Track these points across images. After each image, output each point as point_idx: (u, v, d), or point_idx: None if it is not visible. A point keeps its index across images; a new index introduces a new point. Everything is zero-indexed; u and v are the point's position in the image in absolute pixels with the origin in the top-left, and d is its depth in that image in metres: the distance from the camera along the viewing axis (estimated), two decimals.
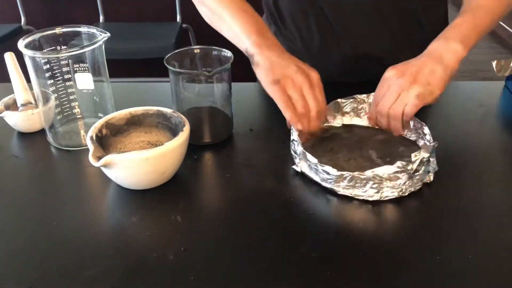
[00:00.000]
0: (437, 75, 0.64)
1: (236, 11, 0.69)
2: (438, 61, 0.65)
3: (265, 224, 0.55)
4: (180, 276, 0.48)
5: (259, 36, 0.66)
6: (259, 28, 0.67)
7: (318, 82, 0.65)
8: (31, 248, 0.52)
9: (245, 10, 0.69)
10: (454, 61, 0.65)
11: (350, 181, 0.58)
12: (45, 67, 0.66)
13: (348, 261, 0.50)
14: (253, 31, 0.66)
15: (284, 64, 0.64)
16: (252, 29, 0.67)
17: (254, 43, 0.65)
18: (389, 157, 0.65)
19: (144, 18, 2.37)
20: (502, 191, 0.62)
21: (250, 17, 0.68)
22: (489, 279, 0.48)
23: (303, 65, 0.65)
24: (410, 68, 0.65)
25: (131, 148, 0.66)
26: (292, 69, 0.64)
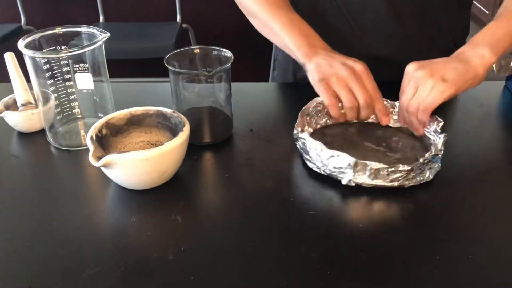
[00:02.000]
0: (457, 72, 0.63)
1: (287, 25, 0.71)
2: (463, 62, 0.64)
3: (265, 224, 0.55)
4: (180, 276, 0.48)
5: (308, 46, 0.68)
6: (308, 39, 0.70)
7: (363, 72, 0.64)
8: (31, 248, 0.52)
9: (294, 22, 0.72)
10: (480, 66, 0.64)
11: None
12: (45, 67, 0.66)
13: (348, 261, 0.50)
14: (302, 43, 0.69)
15: (329, 63, 0.65)
16: (302, 41, 0.69)
17: (304, 55, 0.68)
18: (383, 142, 0.69)
19: (144, 18, 2.37)
20: (502, 191, 0.62)
21: (299, 30, 0.71)
22: (489, 279, 0.48)
23: (348, 60, 0.65)
24: (432, 63, 0.64)
25: (131, 148, 0.66)
26: (337, 66, 0.64)
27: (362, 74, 0.64)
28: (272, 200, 0.59)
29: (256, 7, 0.76)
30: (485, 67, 0.64)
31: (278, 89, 0.93)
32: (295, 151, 0.69)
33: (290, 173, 0.64)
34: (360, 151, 0.67)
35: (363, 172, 0.59)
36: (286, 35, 0.71)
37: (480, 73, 0.64)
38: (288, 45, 0.70)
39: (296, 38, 0.70)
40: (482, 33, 0.68)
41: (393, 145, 0.69)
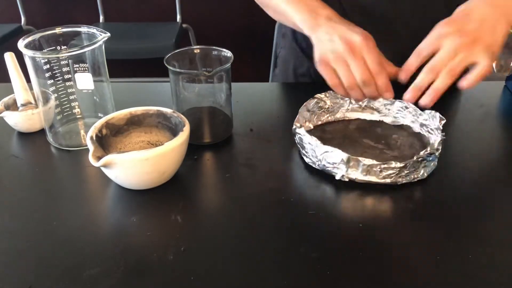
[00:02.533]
0: (498, 32, 0.59)
1: (292, 1, 0.69)
2: (500, 13, 0.60)
3: (265, 224, 0.55)
4: (180, 276, 0.48)
5: (312, 18, 0.66)
6: (311, 10, 0.67)
7: (362, 44, 0.60)
8: (31, 248, 0.52)
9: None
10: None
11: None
12: (45, 67, 0.66)
13: (348, 261, 0.50)
14: (307, 16, 0.66)
15: (329, 37, 0.62)
16: (305, 14, 0.67)
17: (309, 28, 0.66)
18: (383, 140, 0.69)
19: (144, 18, 2.37)
20: (502, 191, 0.62)
21: (303, 3, 0.68)
22: (489, 279, 0.48)
23: (348, 32, 0.61)
24: (469, 24, 0.59)
25: (131, 148, 0.66)
26: (335, 40, 0.61)
27: (360, 47, 0.60)
28: (272, 200, 0.59)
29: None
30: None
31: (278, 89, 0.93)
32: (295, 151, 0.69)
33: (290, 173, 0.64)
34: (357, 148, 0.68)
35: (356, 168, 0.60)
36: (291, 11, 0.69)
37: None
38: (295, 21, 0.68)
39: (300, 12, 0.68)
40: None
41: (392, 142, 0.69)
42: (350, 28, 0.62)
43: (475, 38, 0.58)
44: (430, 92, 0.59)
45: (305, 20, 0.67)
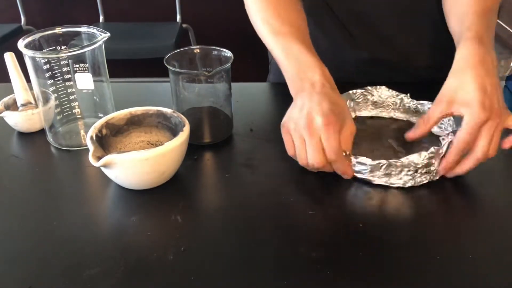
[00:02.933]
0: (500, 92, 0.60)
1: (285, 55, 0.67)
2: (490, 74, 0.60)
3: (265, 224, 0.55)
4: (180, 276, 0.48)
5: (299, 81, 0.63)
6: (301, 72, 0.64)
7: (320, 127, 0.57)
8: (31, 248, 0.52)
9: (293, 52, 0.66)
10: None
11: (386, 169, 0.59)
12: (45, 67, 0.66)
13: (348, 261, 0.50)
14: (294, 78, 0.64)
15: (300, 106, 0.59)
16: (294, 75, 0.64)
17: (293, 90, 0.64)
18: (409, 144, 0.66)
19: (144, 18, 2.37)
20: (502, 190, 0.62)
21: (294, 61, 0.65)
22: (489, 279, 0.48)
23: (316, 107, 0.58)
24: (493, 102, 0.58)
25: (131, 148, 0.66)
26: (301, 112, 0.59)
27: (319, 129, 0.57)
28: (272, 200, 0.59)
29: (264, 32, 0.72)
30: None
31: (278, 89, 0.93)
32: None
33: (290, 173, 0.64)
34: (375, 146, 0.68)
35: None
36: (283, 66, 0.67)
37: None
38: (285, 77, 0.67)
39: (289, 70, 0.66)
40: (482, 30, 0.64)
41: (415, 146, 0.67)
42: (323, 103, 0.58)
43: (501, 113, 0.58)
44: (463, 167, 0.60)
45: (293, 81, 0.65)
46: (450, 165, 0.60)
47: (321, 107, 0.58)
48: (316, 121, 0.57)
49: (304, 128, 0.58)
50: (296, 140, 0.59)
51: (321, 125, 0.57)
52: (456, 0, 0.71)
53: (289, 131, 0.60)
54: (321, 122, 0.57)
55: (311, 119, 0.57)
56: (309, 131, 0.57)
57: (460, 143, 0.59)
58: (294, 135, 0.60)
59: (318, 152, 0.57)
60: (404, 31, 0.85)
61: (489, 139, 0.58)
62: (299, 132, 0.59)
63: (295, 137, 0.59)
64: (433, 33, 0.87)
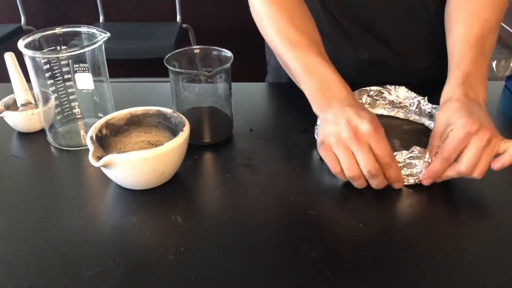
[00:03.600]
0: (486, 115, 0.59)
1: (305, 69, 0.64)
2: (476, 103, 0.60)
3: (265, 224, 0.55)
4: (180, 276, 0.48)
5: (323, 98, 0.62)
6: (324, 88, 0.62)
7: (369, 134, 0.55)
8: (31, 248, 0.52)
9: (314, 67, 0.64)
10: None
11: None
12: (45, 67, 0.66)
13: (348, 261, 0.50)
14: (318, 94, 0.62)
15: (335, 120, 0.57)
16: (317, 91, 0.63)
17: (318, 107, 0.62)
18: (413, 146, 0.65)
19: (144, 18, 2.37)
20: (502, 191, 0.62)
21: (316, 77, 0.63)
22: (489, 279, 0.48)
23: (355, 117, 0.56)
24: (481, 120, 0.57)
25: (131, 148, 0.66)
26: (341, 124, 0.56)
27: (368, 136, 0.55)
28: (272, 200, 0.59)
29: (276, 43, 0.69)
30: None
31: (279, 89, 0.93)
32: (295, 151, 0.69)
33: (290, 173, 0.64)
34: None
35: None
36: (302, 81, 0.65)
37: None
38: (305, 92, 0.65)
39: (311, 87, 0.63)
40: (470, 69, 0.64)
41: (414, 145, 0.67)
42: (360, 113, 0.57)
43: (492, 131, 0.57)
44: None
45: (316, 97, 0.63)
46: (433, 175, 0.59)
47: (361, 115, 0.56)
48: (361, 128, 0.55)
49: (350, 138, 0.55)
50: (342, 154, 0.56)
51: (368, 131, 0.55)
52: (454, 20, 0.71)
53: (330, 147, 0.57)
54: (368, 128, 0.55)
55: (355, 127, 0.55)
56: (357, 140, 0.55)
57: (444, 152, 0.57)
58: (337, 149, 0.56)
59: (372, 158, 0.55)
60: (403, 33, 0.85)
61: (475, 153, 0.56)
62: (343, 145, 0.56)
63: (340, 151, 0.56)
64: (432, 35, 0.87)
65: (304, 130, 0.73)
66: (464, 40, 0.67)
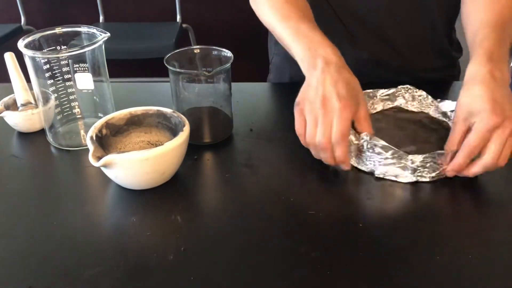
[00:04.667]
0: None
1: (294, 35, 0.67)
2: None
3: (265, 224, 0.55)
4: (180, 276, 0.48)
5: (312, 58, 0.63)
6: (312, 49, 0.64)
7: (336, 110, 0.58)
8: (31, 248, 0.52)
9: (303, 32, 0.66)
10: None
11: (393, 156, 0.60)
12: (45, 67, 0.66)
13: (348, 261, 0.50)
14: (306, 55, 0.64)
15: (315, 86, 0.60)
16: (305, 52, 0.64)
17: (306, 68, 0.64)
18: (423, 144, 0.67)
19: (144, 18, 2.37)
20: (502, 191, 0.62)
21: (305, 39, 0.65)
22: (489, 279, 0.48)
23: (333, 89, 0.59)
24: (504, 110, 0.57)
25: (131, 148, 0.66)
26: (317, 93, 0.59)
27: (333, 112, 0.58)
28: (272, 200, 0.59)
29: (270, 18, 0.72)
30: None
31: (278, 89, 0.93)
32: (295, 151, 0.69)
33: (290, 173, 0.64)
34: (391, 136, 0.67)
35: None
36: (292, 45, 0.66)
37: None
38: (295, 57, 0.66)
39: (300, 48, 0.65)
40: (493, 45, 0.63)
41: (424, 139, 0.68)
42: (339, 86, 0.59)
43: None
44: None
45: (305, 58, 0.64)
46: (457, 168, 0.60)
47: (337, 89, 0.59)
48: (332, 103, 0.58)
49: (320, 108, 0.58)
50: (309, 119, 0.60)
51: (337, 107, 0.58)
52: (472, 12, 0.71)
53: (303, 110, 0.61)
54: (338, 105, 0.58)
55: (327, 100, 0.58)
56: (323, 111, 0.58)
57: (468, 147, 0.58)
58: (308, 114, 0.60)
59: (328, 132, 0.58)
60: (405, 33, 0.85)
61: (500, 145, 0.57)
62: (314, 112, 0.59)
63: (309, 116, 0.60)
64: (433, 36, 0.87)
65: None
66: (485, 25, 0.67)
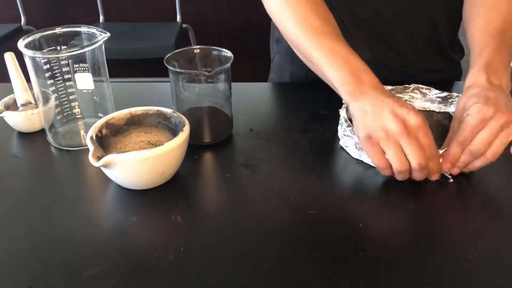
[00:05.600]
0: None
1: (330, 55, 0.63)
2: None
3: (265, 224, 0.55)
4: (180, 276, 0.48)
5: (355, 84, 0.60)
6: (354, 73, 0.60)
7: (418, 126, 0.55)
8: (31, 248, 0.52)
9: (340, 52, 0.62)
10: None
11: None
12: (45, 67, 0.66)
13: (348, 261, 0.50)
14: (347, 80, 0.60)
15: (377, 112, 0.57)
16: (347, 77, 0.60)
17: (349, 94, 0.60)
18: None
19: (144, 18, 2.37)
20: (502, 191, 0.62)
21: (343, 62, 0.62)
22: (489, 279, 0.48)
23: (400, 109, 0.56)
24: (498, 104, 0.58)
25: (131, 148, 0.66)
26: (386, 118, 0.56)
27: (416, 129, 0.55)
28: (272, 200, 0.59)
29: (297, 32, 0.67)
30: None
31: (278, 89, 0.93)
32: (295, 151, 0.69)
33: (290, 173, 0.64)
34: None
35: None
36: (328, 67, 0.62)
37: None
38: (332, 80, 0.62)
39: (340, 72, 0.61)
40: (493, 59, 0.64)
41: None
42: (403, 103, 0.57)
43: (509, 115, 0.57)
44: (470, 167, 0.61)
45: (347, 83, 0.60)
46: (451, 158, 0.60)
47: (405, 106, 0.56)
48: (411, 121, 0.55)
49: (401, 132, 0.55)
50: (391, 147, 0.56)
51: (417, 123, 0.55)
52: (472, 17, 0.72)
53: (378, 141, 0.57)
54: (417, 120, 0.55)
55: (404, 120, 0.55)
56: (407, 135, 0.55)
57: (459, 136, 0.59)
58: (386, 144, 0.56)
59: (422, 151, 0.56)
60: (404, 35, 0.85)
61: (490, 135, 0.57)
62: (393, 139, 0.56)
63: (389, 145, 0.56)
64: (433, 37, 0.87)
65: (304, 130, 0.74)
66: (484, 32, 0.68)
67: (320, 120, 0.76)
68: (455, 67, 0.95)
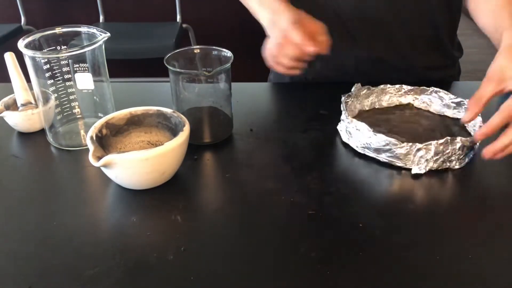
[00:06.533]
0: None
1: (256, 3, 0.74)
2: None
3: (265, 224, 0.55)
4: (180, 276, 0.48)
5: (272, 25, 0.71)
6: (273, 14, 0.71)
7: (288, 30, 0.66)
8: (31, 248, 0.52)
9: (263, 1, 0.74)
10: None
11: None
12: (45, 67, 0.66)
13: (348, 261, 0.50)
14: (269, 22, 0.72)
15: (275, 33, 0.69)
16: (268, 20, 0.72)
17: (267, 24, 0.72)
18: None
19: (144, 18, 2.37)
20: (502, 191, 0.62)
21: (264, 7, 0.73)
22: (489, 279, 0.48)
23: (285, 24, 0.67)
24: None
25: (131, 148, 0.66)
26: (275, 34, 0.68)
27: (287, 32, 0.66)
28: (272, 200, 0.59)
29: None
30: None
31: (278, 89, 0.93)
32: (295, 151, 0.69)
33: (290, 173, 0.64)
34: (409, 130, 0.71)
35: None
36: (258, 15, 0.74)
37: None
38: (263, 24, 0.73)
39: (265, 17, 0.72)
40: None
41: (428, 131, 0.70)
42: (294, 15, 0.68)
43: None
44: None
45: (269, 25, 0.71)
46: (488, 131, 0.60)
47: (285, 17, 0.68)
48: (283, 28, 0.67)
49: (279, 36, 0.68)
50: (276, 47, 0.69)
51: (286, 28, 0.66)
52: (483, 9, 0.73)
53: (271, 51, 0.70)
54: (285, 25, 0.66)
55: (282, 31, 0.67)
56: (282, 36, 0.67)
57: (505, 110, 0.59)
58: (274, 48, 0.69)
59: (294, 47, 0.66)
60: (406, 33, 0.85)
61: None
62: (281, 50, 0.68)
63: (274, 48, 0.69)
64: (433, 35, 0.87)
65: (304, 130, 0.74)
66: (502, 10, 0.69)
67: (320, 120, 0.76)
68: (454, 65, 0.95)
